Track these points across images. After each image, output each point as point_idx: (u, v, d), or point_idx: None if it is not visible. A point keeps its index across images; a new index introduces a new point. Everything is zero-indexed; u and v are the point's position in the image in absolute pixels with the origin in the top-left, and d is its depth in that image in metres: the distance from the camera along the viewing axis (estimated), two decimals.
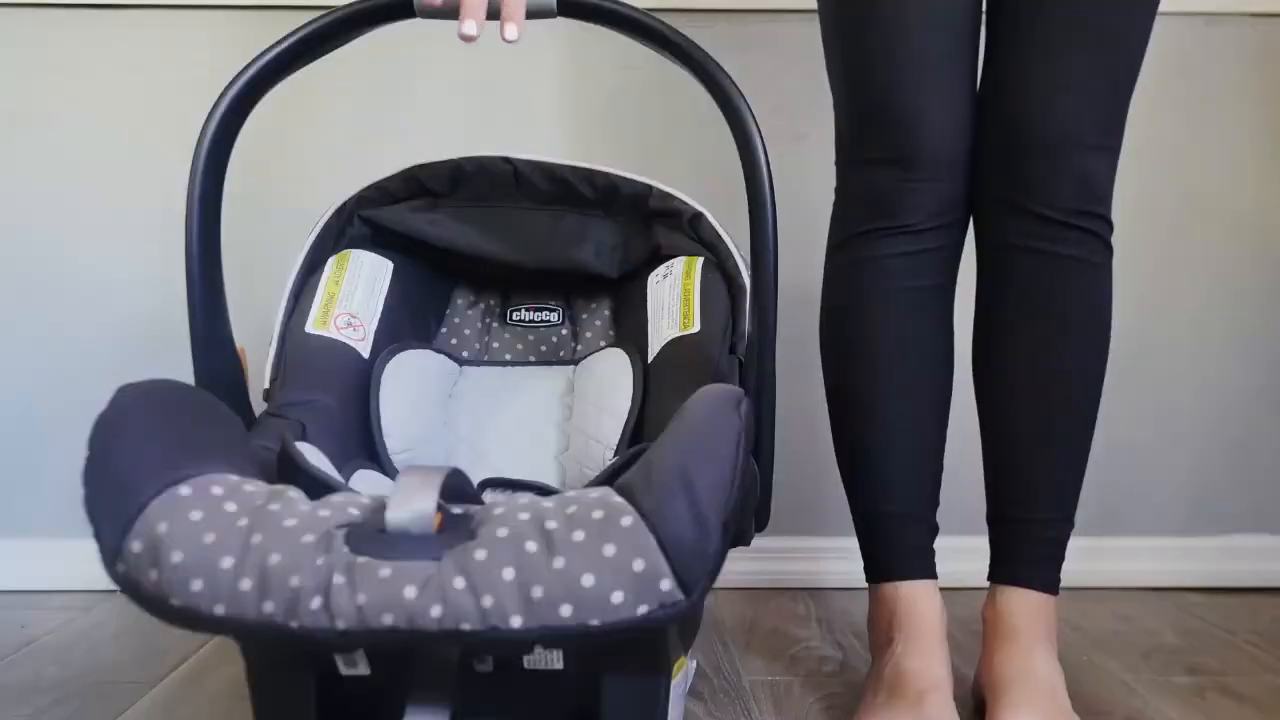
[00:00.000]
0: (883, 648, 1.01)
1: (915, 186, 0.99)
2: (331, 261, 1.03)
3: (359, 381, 1.00)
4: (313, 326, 0.98)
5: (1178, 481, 1.56)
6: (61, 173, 1.49)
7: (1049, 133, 0.95)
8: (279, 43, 0.87)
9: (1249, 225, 1.54)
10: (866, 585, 1.06)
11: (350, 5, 0.89)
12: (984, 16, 1.01)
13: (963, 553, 1.22)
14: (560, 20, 0.91)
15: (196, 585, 0.61)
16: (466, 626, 0.60)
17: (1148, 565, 1.54)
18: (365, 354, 1.01)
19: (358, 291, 1.03)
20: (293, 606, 0.60)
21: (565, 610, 0.60)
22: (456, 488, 0.68)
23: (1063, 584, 1.03)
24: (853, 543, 1.07)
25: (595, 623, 0.60)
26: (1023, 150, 0.96)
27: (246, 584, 0.61)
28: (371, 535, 0.62)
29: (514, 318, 1.16)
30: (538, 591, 0.60)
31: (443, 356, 1.10)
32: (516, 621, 0.60)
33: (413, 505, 0.63)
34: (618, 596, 0.60)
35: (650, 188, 1.06)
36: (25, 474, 1.50)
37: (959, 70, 0.99)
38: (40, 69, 1.48)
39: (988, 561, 1.05)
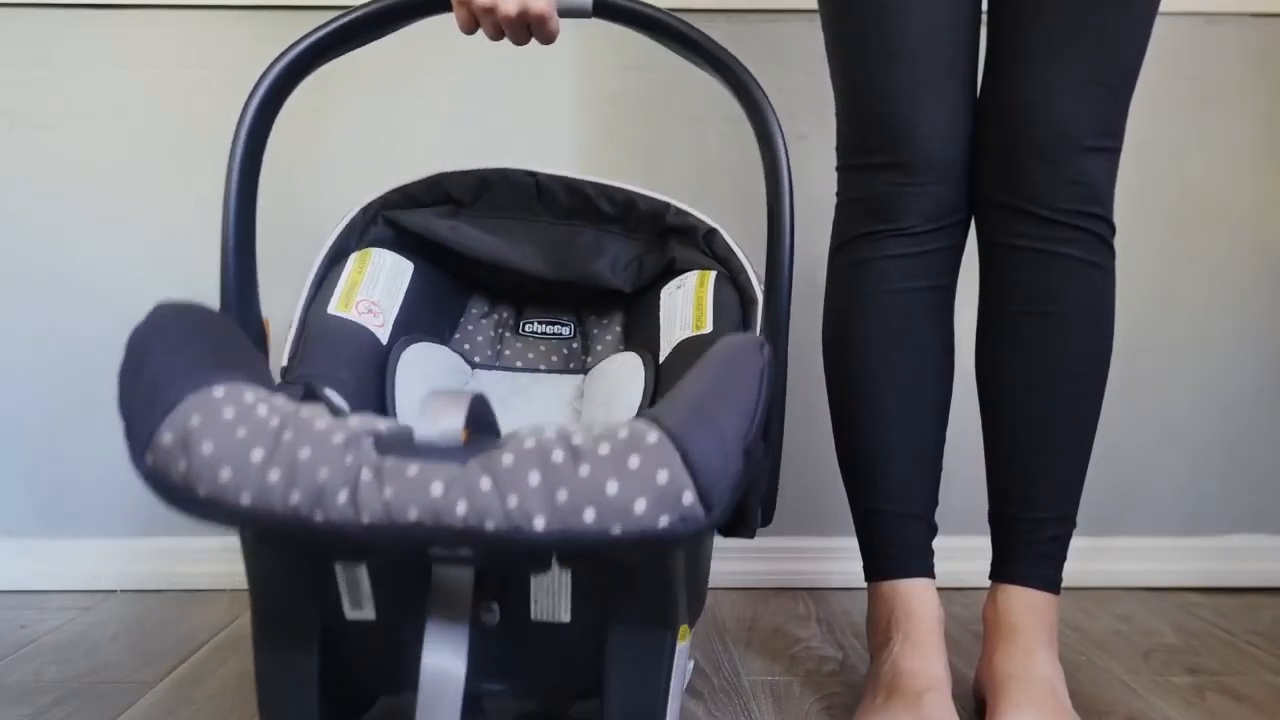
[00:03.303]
0: (881, 647, 1.01)
1: (914, 190, 0.99)
2: (354, 256, 1.05)
3: (376, 364, 1.01)
4: (334, 309, 0.99)
5: (1177, 481, 1.56)
6: (61, 173, 1.49)
7: (1048, 134, 0.95)
8: (319, 28, 0.88)
9: (1249, 225, 1.54)
10: (865, 585, 1.06)
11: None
12: (985, 20, 1.02)
13: (963, 553, 1.22)
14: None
15: (225, 475, 0.62)
16: (490, 525, 0.60)
17: (1148, 565, 1.54)
18: (384, 340, 1.02)
19: (379, 284, 1.04)
20: (319, 498, 0.61)
21: (588, 515, 0.60)
22: (481, 414, 0.68)
23: (1063, 584, 1.03)
24: (853, 543, 1.07)
25: (616, 530, 0.60)
26: (1022, 152, 0.97)
27: (275, 475, 0.61)
28: (400, 444, 0.63)
29: (526, 329, 1.17)
30: (562, 495, 0.60)
31: (457, 356, 1.11)
32: (539, 523, 0.60)
33: (441, 422, 0.64)
34: (640, 505, 0.60)
35: (668, 205, 1.07)
36: (25, 474, 1.50)
37: (958, 75, 0.99)
38: (40, 69, 1.48)
39: (988, 561, 1.05)
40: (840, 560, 1.47)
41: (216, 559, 1.49)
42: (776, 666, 1.18)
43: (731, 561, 1.52)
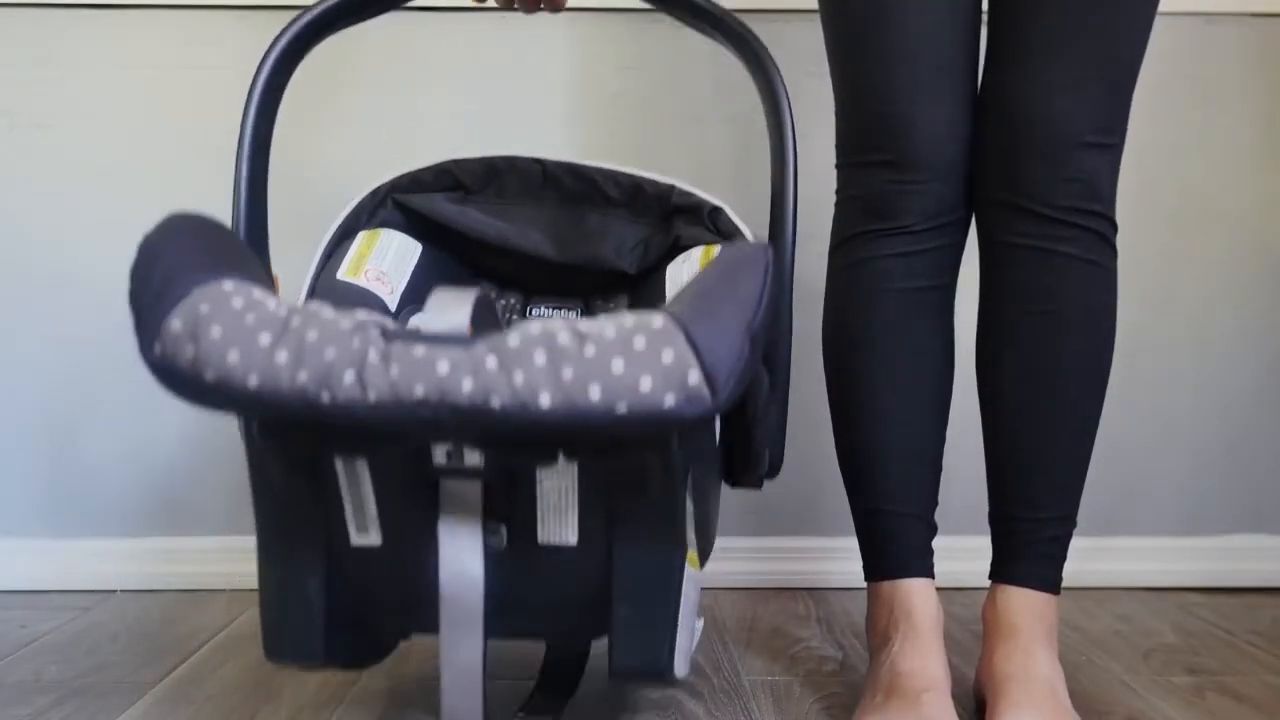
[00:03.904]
0: (881, 647, 1.01)
1: (912, 189, 0.99)
2: (363, 233, 1.06)
3: None
4: (343, 275, 1.00)
5: (1177, 481, 1.56)
6: (61, 173, 1.49)
7: (1047, 132, 0.95)
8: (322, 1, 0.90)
9: (1249, 225, 1.54)
10: (865, 585, 1.06)
11: None
12: (985, 18, 1.02)
13: (963, 553, 1.22)
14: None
15: (233, 357, 0.62)
16: (496, 402, 0.60)
17: (1148, 565, 1.54)
18: (392, 307, 1.02)
19: (388, 258, 1.04)
20: (326, 378, 0.61)
21: (594, 392, 0.60)
22: (485, 312, 0.69)
23: (1063, 584, 1.03)
24: (853, 543, 1.07)
25: (622, 408, 0.60)
26: (1021, 150, 0.97)
27: (282, 356, 0.62)
28: (406, 334, 0.64)
29: (534, 314, 1.18)
30: (568, 372, 0.61)
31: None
32: (545, 400, 0.60)
33: (447, 316, 0.64)
34: (646, 383, 0.61)
35: (673, 187, 1.07)
36: (25, 474, 1.50)
37: (957, 73, 0.99)
38: (40, 69, 1.48)
39: (988, 561, 1.05)
40: (840, 560, 1.47)
41: (216, 559, 1.49)
42: (776, 666, 1.18)
43: (731, 561, 1.52)
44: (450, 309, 0.65)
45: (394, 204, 1.09)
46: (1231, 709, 1.07)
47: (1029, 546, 1.02)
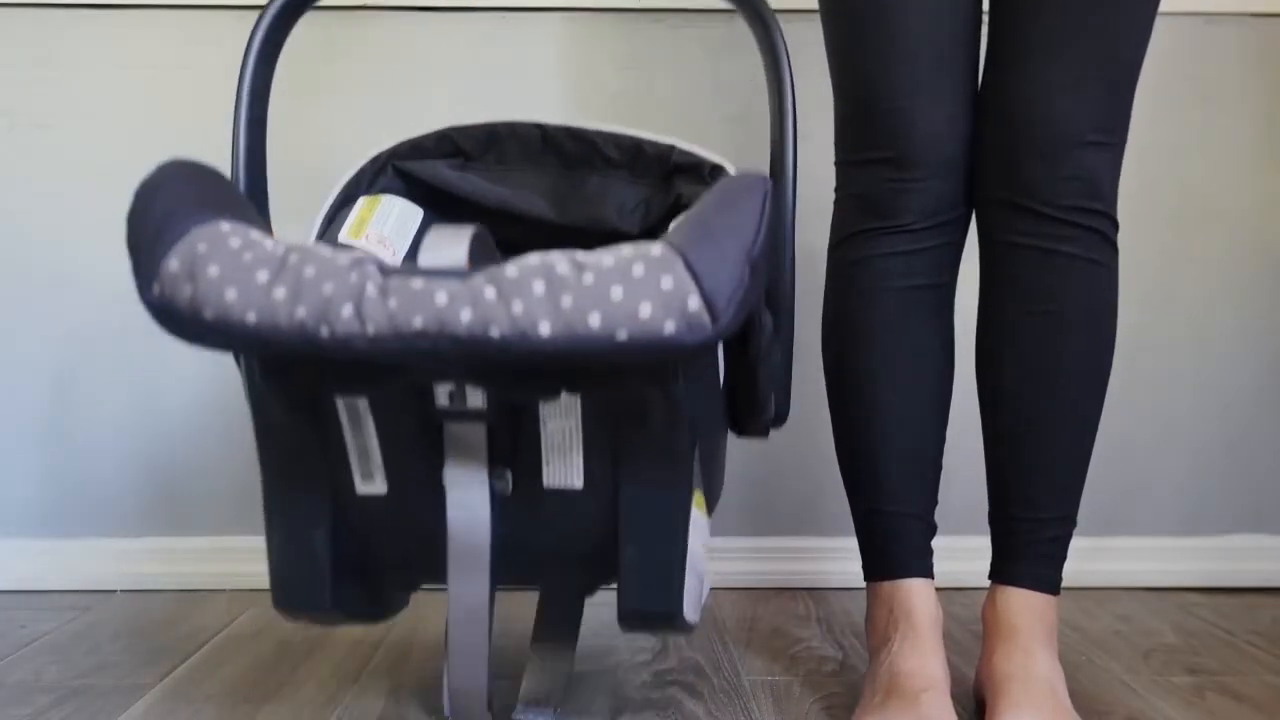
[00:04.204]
0: (880, 647, 1.01)
1: (910, 187, 0.99)
2: (364, 198, 1.05)
3: None
4: (346, 236, 1.00)
5: (1177, 481, 1.56)
6: (61, 173, 1.49)
7: (1047, 131, 0.95)
8: None
9: (1249, 225, 1.54)
10: (865, 584, 1.06)
11: None
12: (985, 16, 1.02)
13: (963, 553, 1.22)
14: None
15: (231, 294, 0.62)
16: (495, 332, 0.60)
17: (1148, 565, 1.54)
18: None
19: (390, 223, 1.04)
20: (324, 312, 0.61)
21: (594, 319, 0.60)
22: (484, 247, 0.69)
23: (1063, 584, 1.03)
24: (852, 543, 1.07)
25: (623, 335, 0.60)
26: (1022, 149, 0.96)
27: (280, 292, 0.62)
28: (404, 269, 0.63)
29: None
30: (567, 300, 0.60)
31: None
32: (545, 328, 0.60)
33: (445, 252, 0.64)
34: (645, 310, 0.60)
35: (673, 146, 1.07)
36: (25, 474, 1.50)
37: (956, 70, 0.99)
38: (40, 69, 1.48)
39: (988, 561, 1.05)
40: (840, 560, 1.47)
41: (216, 559, 1.50)
42: (776, 666, 1.18)
43: (731, 561, 1.52)
44: (448, 245, 0.65)
45: (395, 170, 1.09)
46: (1231, 709, 1.07)
47: (1029, 547, 1.02)
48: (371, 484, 0.73)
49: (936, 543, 1.05)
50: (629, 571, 0.74)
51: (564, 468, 0.72)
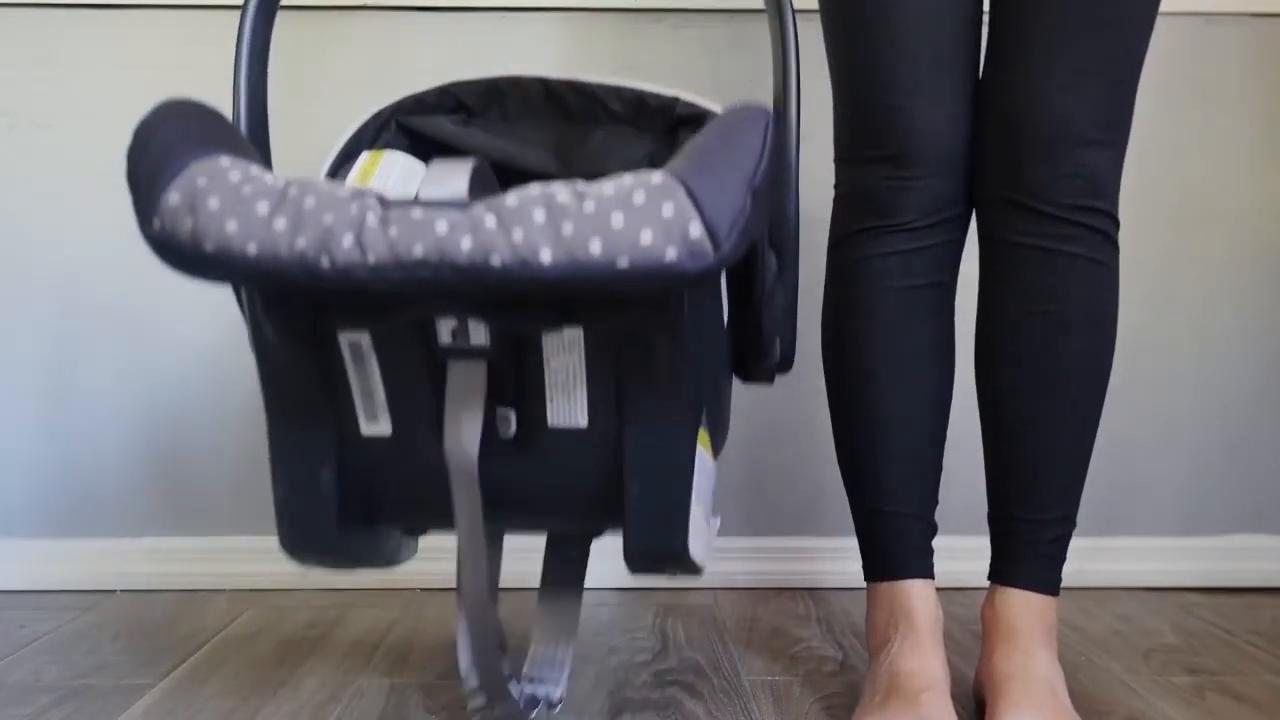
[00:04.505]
0: (880, 647, 1.01)
1: (909, 185, 0.99)
2: (367, 153, 1.05)
3: None
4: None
5: (1177, 481, 1.56)
6: (61, 173, 1.49)
7: (1049, 129, 0.95)
8: None
9: (1249, 225, 1.54)
10: (865, 585, 1.06)
11: None
12: (985, 14, 1.02)
13: (963, 553, 1.22)
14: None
15: (231, 226, 0.62)
16: (496, 260, 0.60)
17: (1148, 565, 1.54)
18: None
19: (393, 178, 1.04)
20: (325, 242, 0.61)
21: (595, 246, 0.60)
22: (484, 180, 0.68)
23: (1063, 584, 1.03)
24: (852, 543, 1.07)
25: (624, 263, 0.60)
26: (1023, 146, 0.96)
27: (281, 223, 0.62)
28: (404, 201, 0.64)
29: None
30: (568, 228, 0.60)
31: None
32: (546, 255, 0.60)
33: (445, 184, 0.64)
34: (647, 236, 0.60)
35: (676, 99, 1.07)
36: (25, 474, 1.50)
37: (956, 68, 0.99)
38: (40, 69, 1.48)
39: (988, 561, 1.05)
40: (840, 560, 1.47)
41: (216, 559, 1.50)
42: (776, 666, 1.18)
43: (731, 561, 1.52)
44: (448, 178, 0.65)
45: (397, 126, 1.08)
46: (1231, 709, 1.07)
47: (1029, 547, 1.02)
48: (376, 425, 0.73)
49: (936, 543, 1.05)
50: (634, 509, 0.74)
51: (568, 405, 0.72)
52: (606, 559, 1.52)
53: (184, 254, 0.63)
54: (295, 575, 1.49)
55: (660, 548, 0.75)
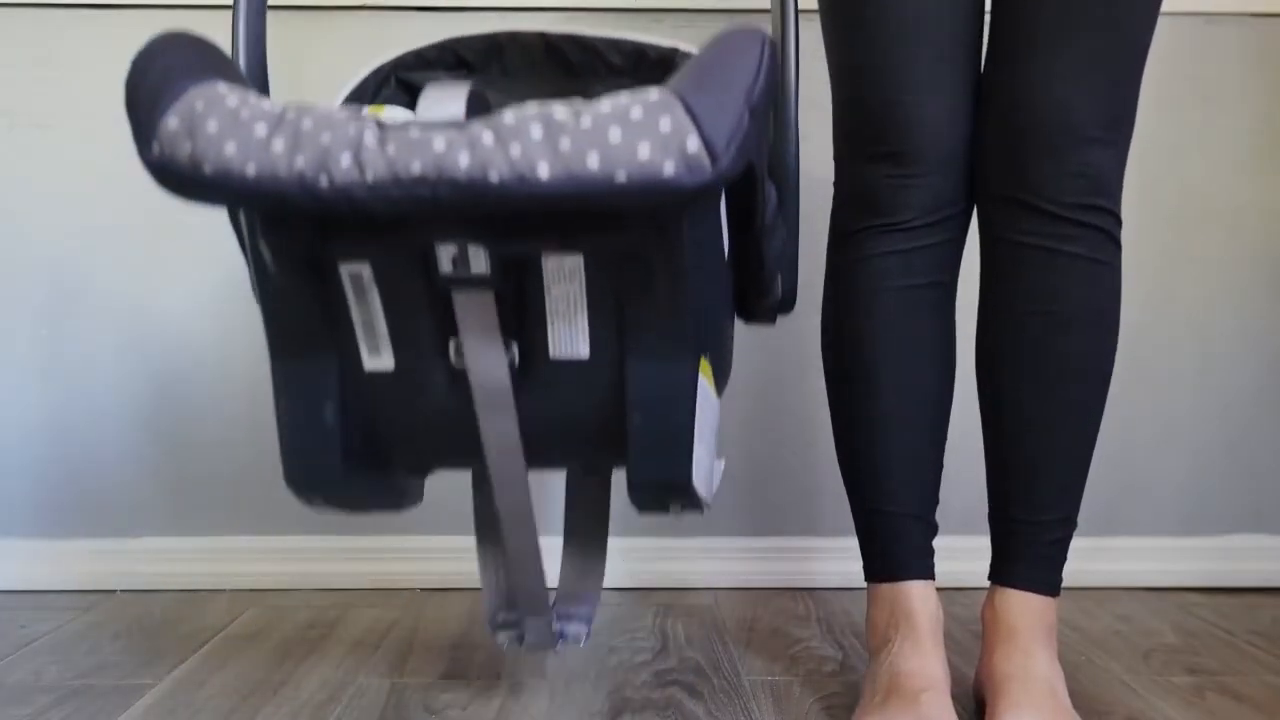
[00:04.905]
0: (880, 648, 1.01)
1: (909, 183, 0.99)
2: (366, 109, 1.05)
3: None
4: None
5: (1178, 481, 1.56)
6: (61, 173, 1.49)
7: (1052, 127, 0.95)
8: None
9: (1249, 225, 1.54)
10: (865, 585, 1.06)
11: None
12: (986, 11, 1.01)
13: (963, 553, 1.22)
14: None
15: (230, 148, 0.62)
16: (494, 176, 0.60)
17: (1148, 565, 1.54)
18: None
19: None
20: (323, 161, 0.61)
21: (592, 160, 0.60)
22: (480, 103, 0.69)
23: (1063, 584, 1.03)
24: (852, 543, 1.07)
25: (621, 177, 0.60)
26: (1026, 145, 0.96)
27: (279, 144, 0.62)
28: (402, 123, 0.64)
29: None
30: (565, 143, 0.60)
31: None
32: (543, 170, 0.60)
33: (442, 107, 0.65)
34: (644, 151, 0.60)
35: (676, 49, 1.07)
36: (26, 474, 1.50)
37: (956, 66, 0.98)
38: (40, 69, 1.48)
39: (988, 561, 1.05)
40: (840, 560, 1.47)
41: (216, 559, 1.50)
42: (776, 666, 1.18)
43: (731, 561, 1.52)
44: (445, 100, 0.65)
45: (398, 82, 1.08)
46: (1231, 709, 1.06)
47: (1029, 548, 1.02)
48: (379, 359, 0.73)
49: (937, 543, 1.05)
50: (637, 439, 0.74)
51: (569, 336, 0.72)
52: (607, 560, 1.52)
53: (183, 177, 0.63)
54: (295, 575, 1.49)
55: (664, 479, 0.75)
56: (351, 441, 0.76)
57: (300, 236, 0.70)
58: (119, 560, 1.49)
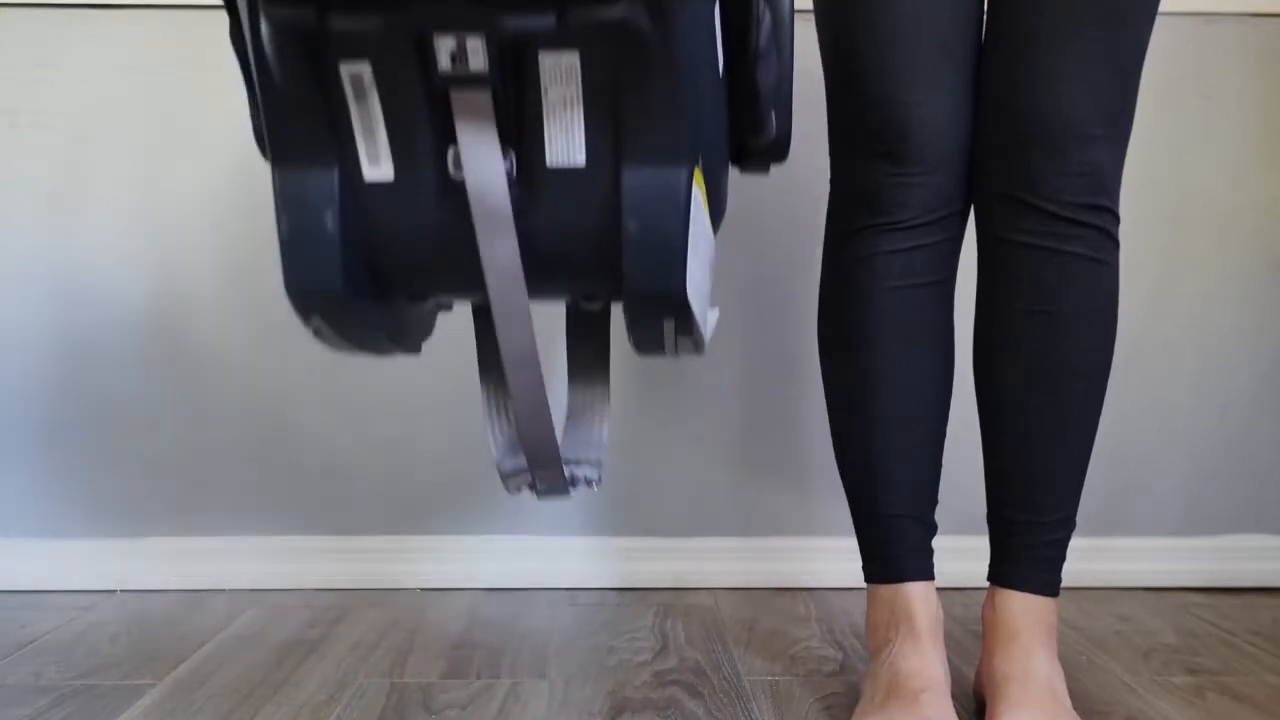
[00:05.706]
0: (880, 648, 1.01)
1: (907, 182, 0.98)
2: None
3: None
4: None
5: (1177, 481, 1.56)
6: (61, 173, 1.49)
7: (1052, 125, 0.94)
8: None
9: (1249, 225, 1.54)
10: (865, 585, 1.06)
11: None
12: (985, 10, 1.01)
13: (963, 553, 1.22)
14: None
15: None
16: None
17: (1148, 565, 1.54)
18: None
19: None
20: None
21: None
22: None
23: (1063, 584, 1.03)
24: (852, 543, 1.07)
25: None
26: (1025, 143, 0.96)
27: None
28: None
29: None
30: None
31: None
32: None
33: None
34: None
35: None
36: (25, 474, 1.50)
37: (955, 64, 0.98)
38: (40, 69, 1.48)
39: (987, 561, 1.05)
40: (839, 560, 1.46)
41: (216, 559, 1.50)
42: (776, 666, 1.18)
43: (731, 561, 1.52)
44: None
45: None
46: (1231, 709, 1.06)
47: (1028, 549, 1.02)
48: (378, 168, 0.73)
49: (936, 543, 1.05)
50: (631, 246, 0.74)
51: (566, 142, 0.73)
52: (607, 560, 1.52)
53: None
54: (295, 575, 1.49)
55: (658, 288, 0.75)
56: (351, 253, 0.77)
57: (301, 11, 0.70)
58: (119, 560, 1.49)
